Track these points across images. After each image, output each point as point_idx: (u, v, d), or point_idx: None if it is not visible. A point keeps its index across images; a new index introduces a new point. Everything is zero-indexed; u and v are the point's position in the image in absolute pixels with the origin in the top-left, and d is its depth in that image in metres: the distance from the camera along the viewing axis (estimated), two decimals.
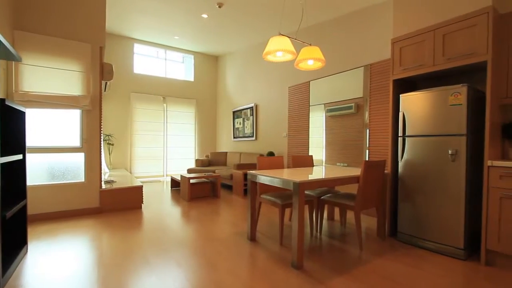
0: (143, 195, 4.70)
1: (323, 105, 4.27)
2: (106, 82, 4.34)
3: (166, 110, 6.98)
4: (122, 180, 4.30)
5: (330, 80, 4.15)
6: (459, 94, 2.16)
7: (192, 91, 7.43)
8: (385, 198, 2.72)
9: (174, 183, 5.48)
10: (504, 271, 1.99)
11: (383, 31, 3.45)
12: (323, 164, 4.26)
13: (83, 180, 3.44)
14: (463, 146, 2.15)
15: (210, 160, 6.49)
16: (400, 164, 2.58)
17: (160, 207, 3.89)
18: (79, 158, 3.44)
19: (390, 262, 2.13)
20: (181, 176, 4.61)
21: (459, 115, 2.16)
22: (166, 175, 6.95)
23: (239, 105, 6.71)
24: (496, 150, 2.23)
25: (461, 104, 2.15)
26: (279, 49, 2.28)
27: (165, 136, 6.98)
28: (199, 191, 4.57)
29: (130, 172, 6.38)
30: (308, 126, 4.55)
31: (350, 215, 3.53)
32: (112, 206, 3.60)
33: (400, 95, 2.58)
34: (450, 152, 2.22)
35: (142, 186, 3.83)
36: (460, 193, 2.16)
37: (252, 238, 2.58)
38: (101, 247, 2.39)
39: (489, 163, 2.05)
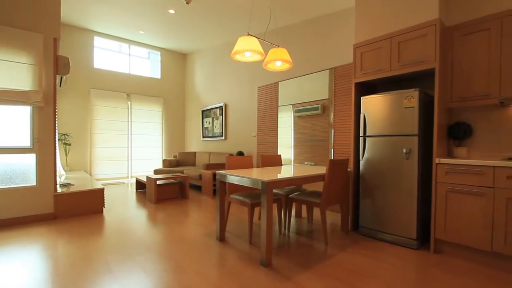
0: (105, 198, 4.42)
1: (291, 105, 4.38)
2: (61, 77, 4.00)
3: (131, 108, 6.64)
4: (80, 183, 4.00)
5: (298, 82, 4.27)
6: (412, 97, 2.36)
7: (158, 88, 7.15)
8: (348, 195, 2.87)
9: (140, 185, 5.24)
10: (450, 258, 2.22)
11: (346, 36, 3.64)
12: (292, 163, 4.37)
13: (34, 183, 3.13)
14: (415, 146, 2.35)
15: (178, 161, 6.31)
16: (362, 162, 2.74)
17: (124, 210, 3.69)
18: (30, 160, 3.12)
19: (353, 255, 2.26)
20: (147, 177, 4.42)
21: (412, 117, 2.36)
22: (131, 177, 6.61)
23: (208, 104, 6.61)
24: (443, 149, 2.48)
25: (414, 107, 2.35)
26: (247, 49, 2.29)
27: (130, 135, 6.63)
28: (166, 192, 4.42)
29: (90, 174, 5.96)
30: (277, 126, 4.64)
31: (317, 212, 3.67)
32: (69, 211, 3.33)
33: (361, 98, 2.74)
34: (404, 151, 2.41)
35: (103, 189, 3.60)
36: (413, 188, 2.36)
37: (222, 238, 2.56)
38: (56, 256, 2.20)
39: (437, 160, 2.27)
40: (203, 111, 6.75)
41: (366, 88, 3.05)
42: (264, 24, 4.54)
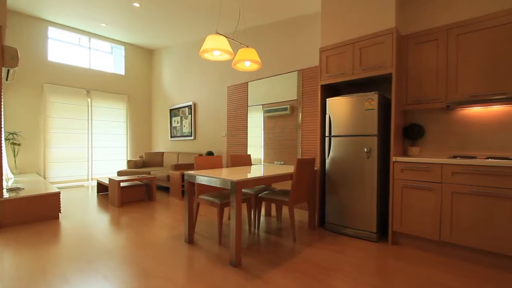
0: (61, 203, 4.09)
1: (261, 105, 4.42)
2: (8, 70, 3.60)
3: (91, 106, 6.21)
4: (32, 186, 3.64)
5: (268, 82, 4.33)
6: (372, 100, 2.52)
7: (123, 85, 6.78)
8: (315, 193, 2.99)
9: (102, 188, 4.92)
10: (406, 248, 2.42)
11: (313, 39, 3.77)
12: (262, 162, 4.42)
13: None
14: (375, 145, 2.52)
15: (144, 161, 6.05)
16: (327, 161, 2.87)
17: (83, 215, 3.44)
18: None
19: (319, 250, 2.35)
20: (110, 179, 4.17)
21: (372, 118, 2.53)
22: (92, 179, 6.18)
23: (176, 103, 6.42)
24: (399, 148, 2.69)
25: (374, 109, 2.51)
26: (216, 48, 2.27)
27: (90, 134, 6.20)
28: (131, 195, 4.21)
29: (44, 177, 5.46)
30: (247, 126, 4.66)
31: (286, 210, 3.76)
32: (18, 219, 3.02)
33: (327, 99, 2.87)
34: (365, 150, 2.57)
35: (59, 193, 3.32)
36: (373, 185, 2.53)
37: (190, 240, 2.51)
38: (1, 269, 1.98)
39: (393, 159, 2.46)
40: (171, 110, 6.54)
41: (332, 90, 3.19)
42: (233, 24, 4.53)
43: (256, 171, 2.64)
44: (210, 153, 5.05)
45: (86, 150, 6.12)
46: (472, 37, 2.33)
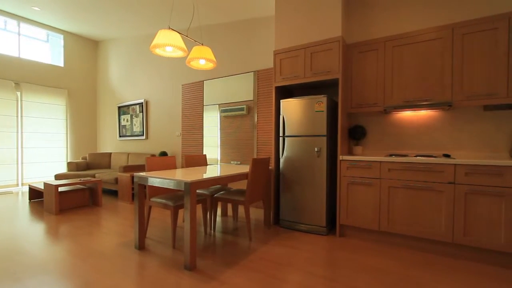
0: None
1: (217, 105, 4.38)
2: None
3: (21, 100, 5.42)
4: None
5: (224, 82, 4.31)
6: (321, 102, 2.69)
7: (61, 79, 6.06)
8: (270, 191, 3.07)
9: (35, 194, 4.34)
10: (351, 239, 2.64)
11: (269, 41, 3.86)
12: (218, 162, 4.38)
13: None
14: (324, 145, 2.69)
15: (88, 163, 5.51)
16: (281, 160, 2.98)
17: (11, 226, 3.00)
18: None
19: (274, 247, 2.43)
20: (45, 184, 3.70)
21: (322, 119, 2.70)
22: (22, 184, 5.41)
23: (126, 100, 5.99)
24: (345, 147, 2.92)
25: (323, 111, 2.69)
26: (168, 43, 2.18)
27: (20, 133, 5.41)
28: (72, 200, 3.80)
29: None
30: (203, 125, 4.57)
31: (242, 209, 3.79)
32: None
33: (281, 101, 2.97)
34: (316, 149, 2.73)
35: None
36: (323, 182, 2.70)
37: (141, 246, 2.37)
38: None
39: (340, 157, 2.66)
40: (120, 107, 6.07)
41: (286, 91, 3.32)
42: (187, 20, 4.39)
43: (212, 171, 2.61)
44: (163, 154, 4.82)
45: (15, 151, 5.32)
46: (405, 49, 2.65)
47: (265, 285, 1.77)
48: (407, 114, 2.83)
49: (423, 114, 2.75)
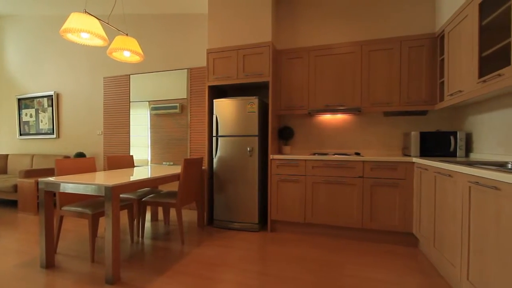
0: None
1: (147, 102, 4.07)
2: None
3: None
4: None
5: (155, 78, 4.03)
6: (253, 103, 2.79)
7: None
8: (203, 192, 3.03)
9: None
10: (281, 233, 2.82)
11: (203, 39, 3.79)
12: (149, 163, 4.08)
13: None
14: (256, 145, 2.80)
15: None
16: (215, 160, 2.97)
17: None
18: None
19: (208, 248, 2.41)
20: None
21: (254, 120, 2.80)
22: None
23: (29, 92, 5.01)
24: (275, 147, 3.10)
25: (255, 112, 2.79)
26: (84, 29, 1.92)
27: None
28: None
29: None
30: (129, 124, 4.19)
31: (174, 212, 3.63)
32: None
33: (214, 100, 2.96)
34: (248, 149, 2.82)
35: None
36: (255, 181, 2.81)
37: (49, 264, 2.03)
38: None
39: (271, 156, 2.82)
40: (20, 100, 5.03)
41: (219, 91, 3.32)
42: (109, 5, 3.92)
43: (140, 173, 2.42)
44: (80, 155, 4.22)
45: None
46: (325, 59, 2.96)
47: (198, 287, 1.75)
48: (327, 117, 3.18)
49: (340, 117, 3.14)
